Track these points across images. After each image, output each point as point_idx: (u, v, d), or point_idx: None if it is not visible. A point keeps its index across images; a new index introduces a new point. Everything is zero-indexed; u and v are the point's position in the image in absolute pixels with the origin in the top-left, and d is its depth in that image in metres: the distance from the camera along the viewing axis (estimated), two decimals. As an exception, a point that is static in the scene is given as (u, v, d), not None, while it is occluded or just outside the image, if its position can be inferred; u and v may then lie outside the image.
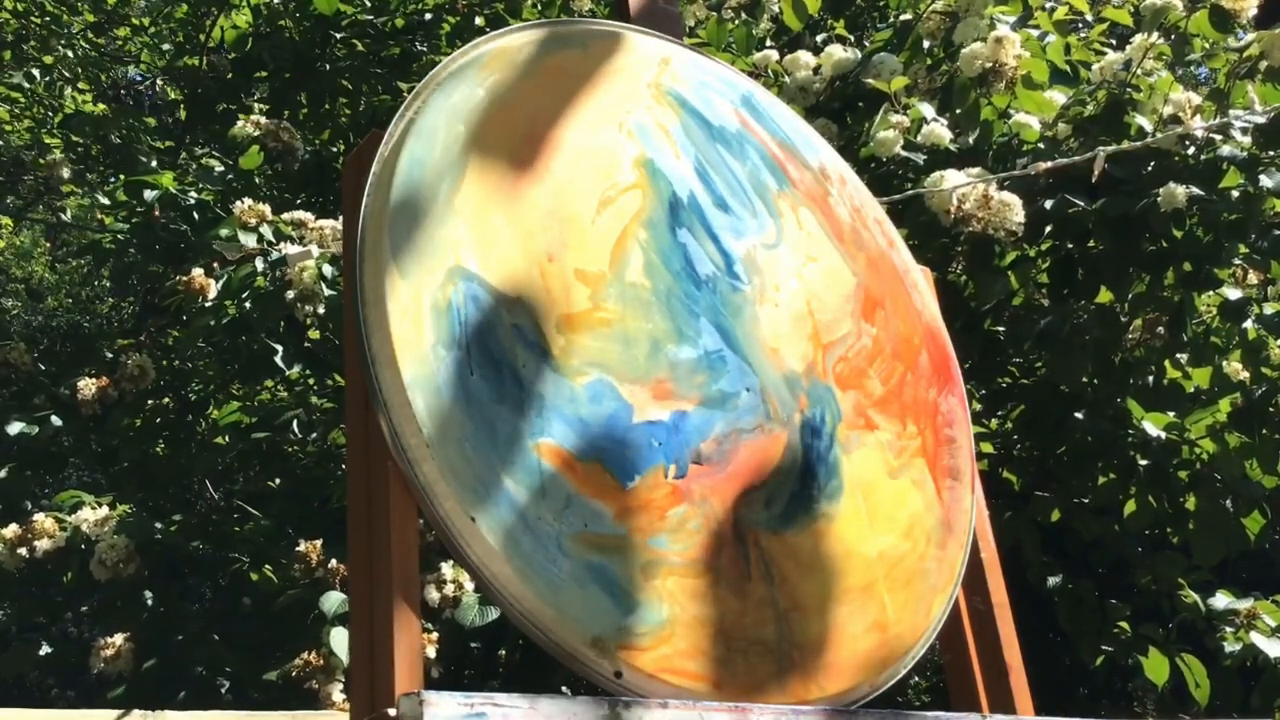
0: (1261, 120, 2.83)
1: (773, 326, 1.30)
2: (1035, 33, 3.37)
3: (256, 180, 3.95)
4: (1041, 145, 3.11)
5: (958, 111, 3.14)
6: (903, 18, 3.64)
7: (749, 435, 1.20)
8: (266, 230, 3.06)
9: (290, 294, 2.89)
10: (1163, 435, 2.83)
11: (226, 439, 3.70)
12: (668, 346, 1.18)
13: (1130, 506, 2.93)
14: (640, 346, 1.16)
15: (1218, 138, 2.88)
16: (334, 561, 2.57)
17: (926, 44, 3.41)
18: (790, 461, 1.23)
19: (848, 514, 1.26)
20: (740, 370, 1.23)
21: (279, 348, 3.07)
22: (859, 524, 1.26)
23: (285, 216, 3.12)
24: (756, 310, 1.29)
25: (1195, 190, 2.74)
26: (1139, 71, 3.03)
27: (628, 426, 1.11)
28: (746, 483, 1.18)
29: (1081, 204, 2.85)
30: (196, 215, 3.40)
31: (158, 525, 2.97)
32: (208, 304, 2.98)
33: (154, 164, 4.46)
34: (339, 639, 2.34)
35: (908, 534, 1.31)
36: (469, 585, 2.48)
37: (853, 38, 4.06)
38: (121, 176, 3.95)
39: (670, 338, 1.19)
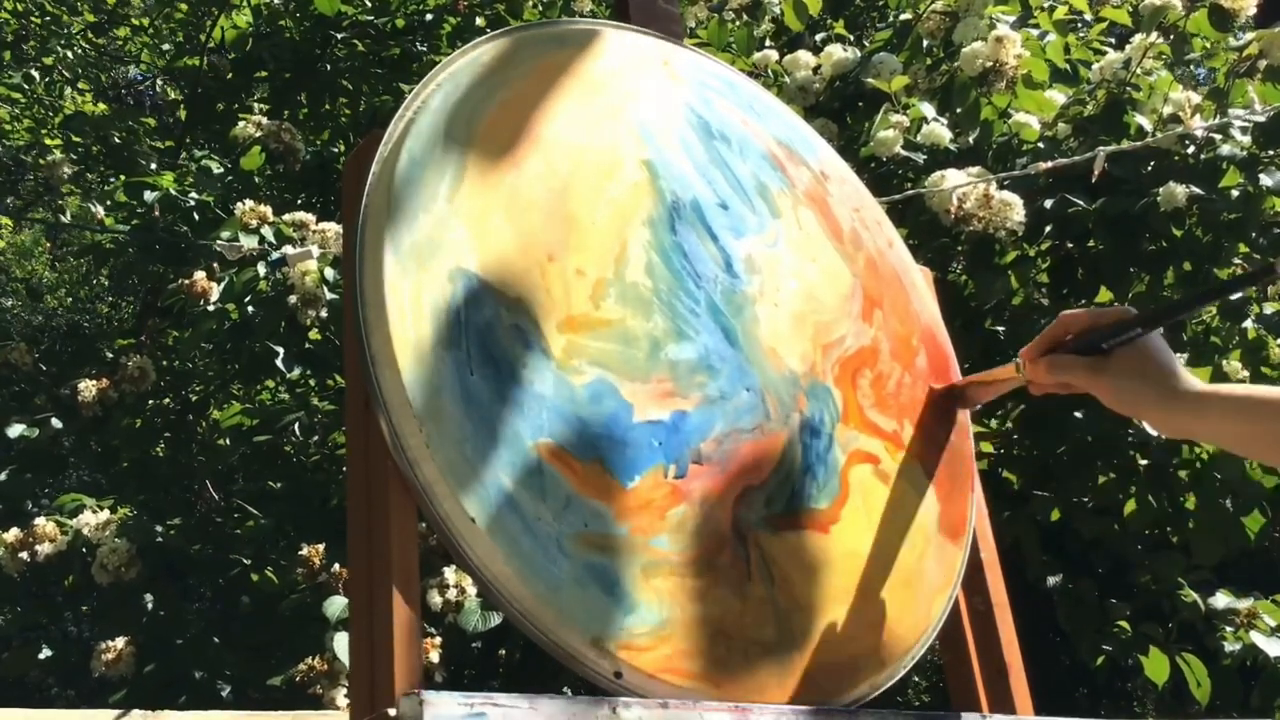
0: (1261, 119, 2.83)
1: (772, 327, 1.30)
2: (1035, 32, 3.37)
3: (256, 181, 3.95)
4: (1041, 145, 3.11)
5: (958, 111, 3.14)
6: (903, 17, 3.65)
7: (748, 435, 1.20)
8: (268, 231, 3.07)
9: (293, 297, 2.90)
10: (1163, 435, 2.83)
11: (228, 441, 3.71)
12: (668, 346, 1.18)
13: (1130, 506, 2.93)
14: (640, 346, 1.16)
15: (1217, 137, 2.88)
16: (337, 565, 2.57)
17: (926, 44, 3.41)
18: (789, 462, 1.23)
19: (847, 515, 1.26)
20: (740, 370, 1.23)
21: (280, 350, 3.08)
22: (858, 524, 1.26)
23: (287, 218, 3.13)
24: (756, 310, 1.29)
25: (1195, 189, 2.74)
26: (1139, 71, 3.03)
27: (628, 426, 1.11)
28: (746, 483, 1.18)
29: (1081, 204, 2.86)
30: (197, 216, 3.40)
31: (158, 528, 2.97)
32: (210, 307, 2.98)
33: (154, 165, 4.46)
34: (343, 643, 2.35)
35: (906, 534, 1.31)
36: (471, 590, 2.48)
37: (852, 37, 4.06)
38: (121, 177, 3.95)
39: (670, 337, 1.19)
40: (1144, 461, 2.93)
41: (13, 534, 2.78)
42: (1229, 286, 1.84)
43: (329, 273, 2.92)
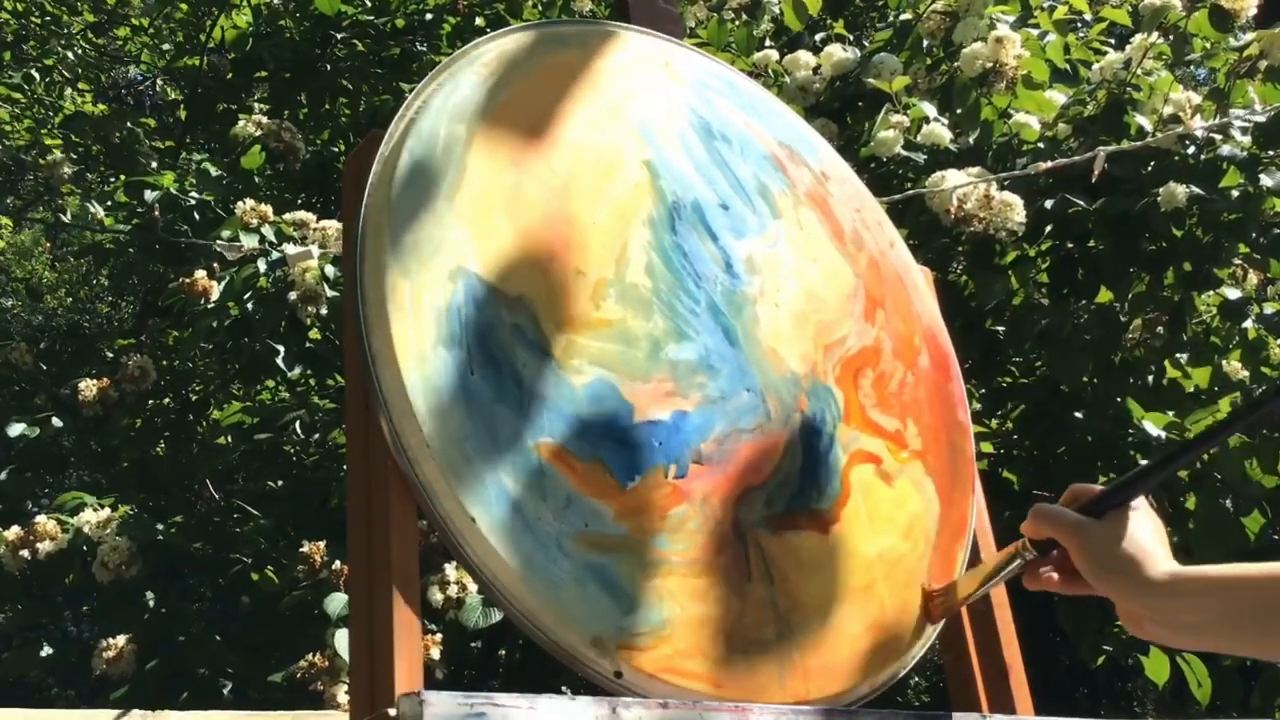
0: (1261, 119, 2.83)
1: (773, 327, 1.30)
2: (1035, 32, 3.37)
3: (256, 181, 3.95)
4: (1041, 145, 3.11)
5: (958, 111, 3.14)
6: (903, 18, 3.65)
7: (749, 436, 1.20)
8: (268, 231, 3.07)
9: (293, 295, 2.90)
10: (1163, 435, 2.82)
11: (229, 440, 3.71)
12: (668, 346, 1.18)
13: (1130, 506, 2.91)
14: (641, 346, 1.16)
15: (1218, 137, 2.88)
16: (338, 563, 2.57)
17: (926, 44, 3.41)
18: (790, 462, 1.23)
19: (848, 515, 1.26)
20: (740, 370, 1.23)
21: (280, 349, 3.08)
22: (859, 525, 1.26)
23: (287, 217, 3.13)
24: (757, 311, 1.29)
25: (1195, 190, 2.74)
26: (1139, 71, 3.03)
27: (628, 426, 1.11)
28: (747, 483, 1.18)
29: (1081, 204, 2.86)
30: (197, 216, 3.40)
31: (159, 526, 2.97)
32: (210, 305, 2.98)
33: (154, 165, 4.46)
34: (343, 640, 2.35)
35: (907, 534, 1.31)
36: (472, 587, 2.48)
37: (852, 37, 4.06)
38: (122, 177, 3.95)
39: (671, 337, 1.19)
40: (1144, 462, 2.93)
41: (13, 532, 2.78)
42: (1226, 427, 1.62)
43: (330, 270, 2.93)
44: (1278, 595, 0.93)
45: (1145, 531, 1.05)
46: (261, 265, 3.00)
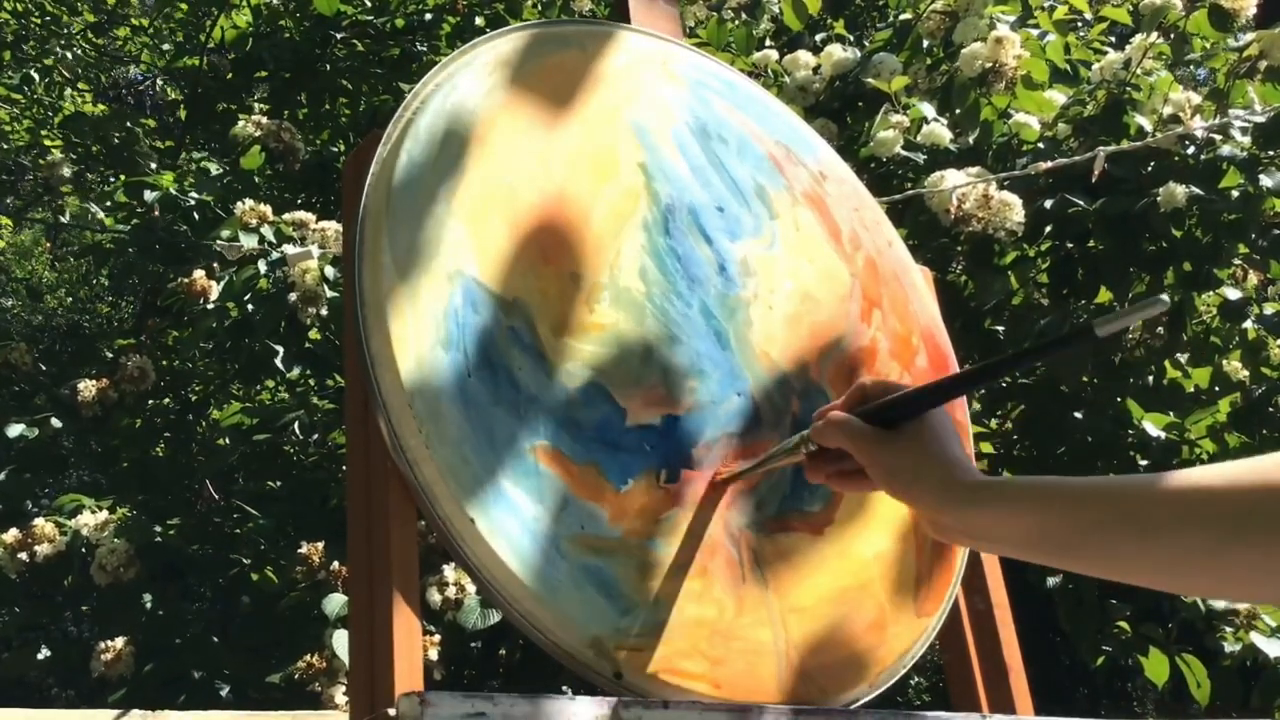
0: (1261, 120, 2.83)
1: (766, 329, 1.30)
2: (1035, 32, 3.38)
3: (256, 181, 3.95)
4: (1041, 145, 3.11)
5: (958, 111, 3.14)
6: (902, 17, 3.65)
7: (739, 440, 1.20)
8: (268, 231, 3.07)
9: (293, 296, 2.90)
10: (1163, 435, 2.83)
11: (228, 441, 3.71)
12: (660, 350, 1.18)
13: (1130, 506, 2.92)
14: (633, 350, 1.16)
15: (1218, 137, 2.88)
16: (336, 564, 2.57)
17: (926, 44, 3.42)
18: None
19: (842, 516, 1.26)
20: (731, 374, 1.23)
21: (280, 349, 3.08)
22: (854, 525, 1.26)
23: (287, 217, 3.13)
24: (750, 313, 1.29)
25: (1195, 190, 2.74)
26: (1139, 71, 3.03)
27: (621, 431, 1.11)
28: (739, 487, 1.18)
29: (1081, 204, 2.86)
30: (197, 216, 3.40)
31: (157, 528, 2.97)
32: (210, 306, 2.98)
33: (154, 165, 4.46)
34: (342, 641, 2.35)
35: (904, 535, 1.31)
36: (471, 588, 2.48)
37: (852, 37, 4.06)
38: (122, 177, 3.95)
39: (664, 341, 1.19)
40: (1144, 462, 2.94)
41: (12, 535, 2.78)
42: (1036, 352, 1.46)
43: (330, 271, 2.93)
44: (1094, 515, 0.84)
45: (945, 439, 0.97)
46: (261, 266, 3.00)
